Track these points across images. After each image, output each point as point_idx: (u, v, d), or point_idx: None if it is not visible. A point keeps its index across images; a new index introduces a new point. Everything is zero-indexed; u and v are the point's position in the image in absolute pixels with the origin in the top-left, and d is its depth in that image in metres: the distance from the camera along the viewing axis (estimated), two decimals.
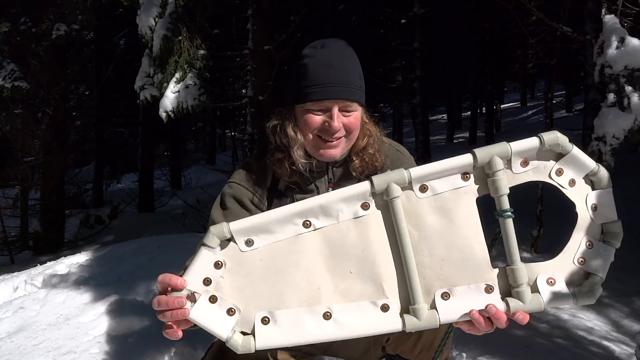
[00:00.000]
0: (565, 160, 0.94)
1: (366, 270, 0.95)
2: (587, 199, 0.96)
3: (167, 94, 4.39)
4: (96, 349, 2.40)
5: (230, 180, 1.40)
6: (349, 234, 0.95)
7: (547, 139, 0.92)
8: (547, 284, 0.94)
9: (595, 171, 0.94)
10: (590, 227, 0.96)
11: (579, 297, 0.93)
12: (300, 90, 1.26)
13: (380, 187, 0.94)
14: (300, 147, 1.30)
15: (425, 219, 0.95)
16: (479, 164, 0.93)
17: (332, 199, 0.95)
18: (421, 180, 0.95)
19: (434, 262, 0.95)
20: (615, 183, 0.97)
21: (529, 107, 18.67)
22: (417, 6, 7.72)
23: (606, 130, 2.91)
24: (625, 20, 3.03)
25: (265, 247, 0.95)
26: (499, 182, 0.92)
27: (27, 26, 6.67)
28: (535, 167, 0.94)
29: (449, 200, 0.95)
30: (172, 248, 3.95)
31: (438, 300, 0.94)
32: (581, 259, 0.95)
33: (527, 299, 0.94)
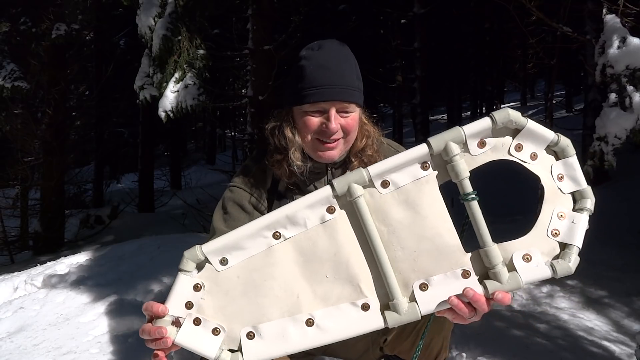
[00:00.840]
0: (522, 135, 0.94)
1: (342, 273, 0.96)
2: (552, 170, 0.95)
3: (167, 94, 4.39)
4: (96, 349, 2.40)
5: (231, 183, 1.42)
6: (319, 240, 0.96)
7: (498, 117, 0.92)
8: (523, 261, 0.93)
9: (556, 141, 0.94)
10: (559, 197, 0.95)
11: (557, 269, 0.91)
12: (297, 92, 1.27)
13: (341, 189, 0.95)
14: (297, 149, 1.31)
15: (392, 213, 0.95)
16: (436, 152, 0.93)
17: (297, 207, 0.96)
18: (381, 176, 0.95)
19: (406, 255, 0.95)
20: (617, 183, 0.96)
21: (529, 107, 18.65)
22: (417, 6, 7.71)
23: (608, 130, 2.91)
24: (626, 19, 3.03)
25: (239, 263, 0.96)
26: (457, 167, 0.92)
27: (27, 26, 6.67)
28: (493, 146, 0.94)
29: (412, 192, 0.95)
30: (172, 248, 3.95)
31: (417, 292, 0.94)
32: (555, 231, 0.94)
33: (504, 279, 0.92)
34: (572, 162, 0.95)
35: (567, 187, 0.95)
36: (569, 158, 0.95)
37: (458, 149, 0.92)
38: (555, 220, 0.94)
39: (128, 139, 14.63)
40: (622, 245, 4.15)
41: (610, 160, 2.97)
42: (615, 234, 4.38)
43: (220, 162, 16.24)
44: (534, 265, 0.92)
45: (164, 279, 3.28)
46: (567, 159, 0.95)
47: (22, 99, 7.04)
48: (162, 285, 3.21)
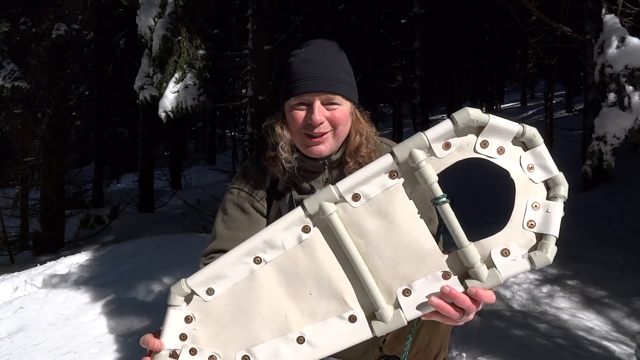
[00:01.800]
0: (486, 131, 0.93)
1: (325, 289, 0.98)
2: (521, 161, 0.94)
3: (167, 94, 4.39)
4: (96, 349, 2.40)
5: (230, 185, 1.43)
6: (299, 260, 0.98)
7: (459, 118, 0.92)
8: (502, 256, 0.93)
9: (522, 132, 0.93)
10: (531, 188, 0.94)
11: (535, 260, 0.91)
12: (285, 89, 1.30)
13: (313, 209, 0.96)
14: (286, 143, 1.32)
15: (366, 225, 0.97)
16: (401, 161, 0.94)
17: (273, 231, 0.98)
18: (351, 190, 0.96)
19: (386, 264, 0.96)
20: (616, 183, 0.96)
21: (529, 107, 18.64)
22: (417, 6, 7.71)
23: (607, 129, 2.91)
24: (625, 19, 3.03)
25: (225, 291, 0.99)
26: (424, 173, 0.92)
27: (27, 26, 6.67)
28: (459, 146, 0.94)
29: (384, 202, 0.96)
30: (172, 248, 3.95)
31: (400, 298, 0.95)
32: (531, 222, 0.93)
33: (484, 277, 0.92)
34: (540, 151, 0.94)
35: (538, 176, 0.94)
36: (536, 147, 0.94)
37: (423, 155, 0.93)
38: (530, 211, 0.93)
39: (128, 139, 14.61)
40: (622, 245, 4.15)
41: (609, 160, 2.97)
42: (615, 234, 4.38)
43: (220, 162, 16.23)
44: (512, 259, 0.92)
45: (164, 279, 3.28)
46: (535, 148, 0.94)
47: (22, 99, 7.04)
48: (162, 285, 3.21)
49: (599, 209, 5.43)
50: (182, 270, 3.40)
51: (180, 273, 3.36)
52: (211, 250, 1.39)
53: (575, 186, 7.01)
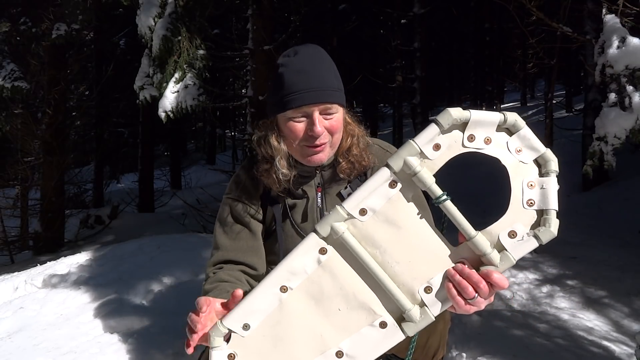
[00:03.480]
0: (470, 126, 0.98)
1: (352, 302, 1.03)
2: (508, 146, 0.99)
3: (167, 94, 4.39)
4: (96, 349, 2.40)
5: (225, 196, 1.45)
6: (322, 281, 1.03)
7: (442, 120, 0.96)
8: (510, 238, 0.97)
9: (504, 119, 0.98)
10: (523, 169, 0.99)
11: (541, 236, 0.95)
12: (279, 100, 1.28)
13: (325, 232, 1.01)
14: (283, 157, 1.33)
15: (378, 236, 1.02)
16: (398, 170, 0.99)
17: (292, 259, 1.03)
18: (357, 206, 1.01)
19: (403, 268, 1.01)
20: (616, 183, 0.97)
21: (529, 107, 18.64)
22: (417, 6, 7.71)
23: (607, 130, 2.91)
24: (625, 20, 3.03)
25: (260, 324, 1.05)
26: (422, 178, 0.97)
27: (27, 26, 6.67)
28: (448, 146, 0.98)
29: (389, 211, 1.01)
30: (172, 248, 3.95)
31: (424, 296, 1.00)
32: (530, 201, 0.97)
33: (496, 261, 0.97)
34: (524, 133, 0.98)
35: (527, 157, 0.99)
36: (520, 131, 0.98)
37: (417, 160, 0.98)
38: (527, 190, 0.98)
39: (128, 139, 14.62)
40: (622, 245, 4.15)
41: (610, 160, 2.97)
42: (615, 234, 4.38)
43: (220, 162, 16.22)
44: (519, 239, 0.97)
45: (164, 279, 3.28)
46: (519, 132, 0.98)
47: (22, 99, 7.03)
48: (162, 285, 3.21)
49: (599, 209, 5.43)
50: (182, 270, 3.40)
51: (180, 273, 3.36)
52: (217, 260, 1.40)
53: (576, 186, 7.01)
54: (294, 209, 1.40)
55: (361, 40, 11.80)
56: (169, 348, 2.39)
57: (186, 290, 3.09)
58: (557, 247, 4.14)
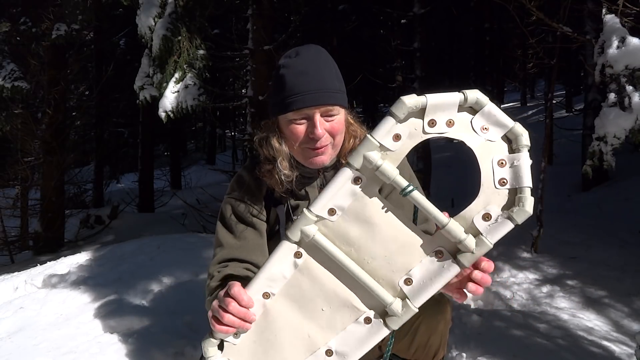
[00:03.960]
0: (429, 111, 0.94)
1: (334, 302, 1.04)
2: (473, 126, 0.95)
3: (167, 94, 4.39)
4: (96, 349, 2.40)
5: (227, 196, 1.44)
6: (302, 284, 1.05)
7: (397, 111, 0.94)
8: (484, 221, 0.94)
9: (464, 98, 0.93)
10: (491, 147, 0.94)
11: (515, 217, 0.92)
12: (280, 102, 1.28)
13: (296, 237, 1.02)
14: (285, 158, 1.33)
15: (350, 233, 1.02)
16: (359, 167, 0.98)
17: (270, 267, 1.05)
18: (324, 207, 1.01)
19: (380, 262, 1.01)
20: (616, 183, 0.96)
21: (529, 107, 18.64)
22: (417, 6, 7.70)
23: (607, 130, 2.91)
24: (625, 20, 3.03)
25: (249, 331, 1.07)
26: (384, 172, 0.96)
27: (27, 26, 6.66)
28: (408, 134, 0.96)
29: (358, 208, 1.01)
30: (172, 248, 3.95)
31: (405, 288, 1.00)
32: (502, 180, 0.94)
33: (472, 247, 0.95)
34: (488, 110, 0.94)
35: (494, 134, 0.94)
36: (484, 108, 0.94)
37: (377, 154, 0.96)
38: (497, 169, 0.94)
39: (128, 139, 14.61)
40: (622, 245, 4.15)
41: (610, 160, 2.97)
42: (615, 234, 4.38)
43: (220, 162, 16.22)
44: (493, 221, 0.94)
45: (164, 279, 3.28)
46: (482, 109, 0.94)
47: (22, 99, 7.02)
48: (162, 285, 3.21)
49: (599, 209, 5.43)
50: (182, 270, 3.40)
51: (180, 273, 3.36)
52: (222, 259, 1.38)
53: (576, 186, 7.01)
54: (297, 209, 1.40)
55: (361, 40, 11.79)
56: (169, 348, 2.39)
57: (186, 290, 3.09)
58: (557, 247, 4.14)
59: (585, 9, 5.65)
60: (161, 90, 4.41)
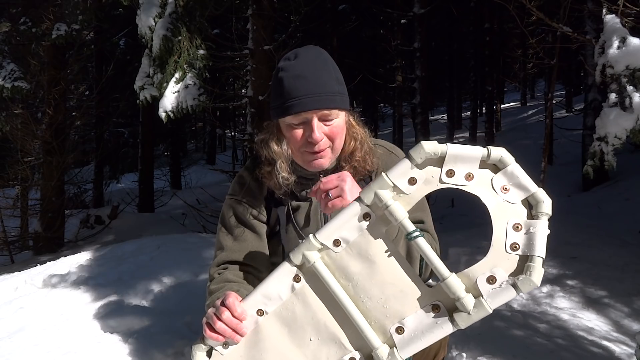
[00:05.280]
0: (448, 161, 0.92)
1: (323, 334, 1.02)
2: (493, 184, 0.92)
3: (167, 94, 4.39)
4: (96, 349, 2.40)
5: (228, 197, 1.44)
6: (295, 308, 1.04)
7: (414, 154, 0.92)
8: (488, 284, 0.91)
9: (487, 154, 0.91)
10: (509, 209, 0.91)
11: (520, 285, 0.88)
12: (279, 105, 1.28)
13: (298, 260, 1.01)
14: (284, 161, 1.32)
15: (350, 268, 1.00)
16: (370, 203, 0.96)
17: (268, 285, 1.05)
18: (330, 237, 1.00)
19: (375, 303, 0.98)
20: (617, 183, 0.95)
21: (529, 107, 18.66)
22: (417, 6, 7.70)
23: (608, 130, 2.91)
24: (626, 20, 3.03)
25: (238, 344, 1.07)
26: (393, 212, 0.94)
27: (27, 26, 6.65)
28: (425, 180, 0.94)
29: (362, 243, 0.99)
30: (172, 248, 3.95)
31: (395, 336, 0.97)
32: (514, 245, 0.90)
33: (469, 308, 0.91)
34: (512, 170, 0.91)
35: (514, 196, 0.91)
36: (507, 167, 0.91)
37: (389, 194, 0.95)
38: (511, 233, 0.90)
39: (128, 139, 14.61)
40: (622, 245, 4.15)
41: (610, 160, 2.97)
42: (615, 234, 4.38)
43: (220, 162, 16.24)
44: (498, 285, 0.90)
45: (164, 279, 3.28)
46: (505, 169, 0.91)
47: (22, 99, 7.03)
48: (162, 285, 3.21)
49: (599, 209, 5.43)
50: (182, 270, 3.40)
51: (181, 273, 3.36)
52: (222, 261, 1.39)
53: (576, 186, 7.01)
54: (297, 211, 1.39)
55: (361, 40, 11.79)
56: (169, 348, 2.39)
57: (186, 290, 3.09)
58: (557, 247, 4.14)
59: (585, 9, 5.65)
60: (161, 90, 4.41)
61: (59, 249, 7.03)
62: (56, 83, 7.02)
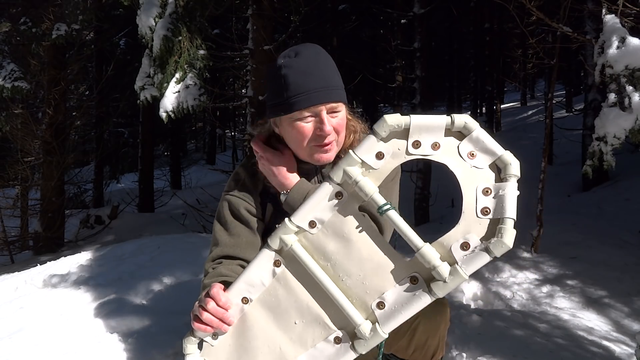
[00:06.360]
0: (413, 132, 0.93)
1: (307, 316, 1.03)
2: (460, 151, 0.92)
3: (167, 94, 4.39)
4: (96, 349, 2.40)
5: (224, 193, 1.45)
6: (278, 293, 1.05)
7: (379, 129, 0.93)
8: (462, 250, 0.91)
9: (451, 122, 0.91)
10: (477, 174, 0.91)
11: (492, 249, 0.88)
12: (284, 102, 1.28)
13: (275, 244, 1.02)
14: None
15: (328, 248, 1.00)
16: (340, 182, 0.97)
17: (250, 272, 1.06)
18: (305, 219, 1.01)
19: (355, 281, 0.99)
20: (616, 183, 0.95)
21: (529, 107, 18.66)
22: (417, 6, 7.70)
23: (607, 130, 2.91)
24: (625, 20, 3.03)
25: (226, 334, 1.07)
26: (363, 187, 0.95)
27: (27, 26, 6.66)
28: (392, 153, 0.95)
29: (337, 222, 0.99)
30: (172, 248, 3.95)
31: (376, 312, 0.97)
32: (485, 209, 0.90)
33: (445, 276, 0.91)
34: (477, 135, 0.91)
35: (482, 161, 0.92)
36: (472, 133, 0.91)
37: (358, 170, 0.96)
38: (481, 197, 0.90)
39: (128, 139, 14.62)
40: (622, 245, 4.15)
41: (610, 160, 2.97)
42: (615, 234, 4.38)
43: (220, 162, 16.24)
44: (471, 251, 0.90)
45: (164, 279, 3.28)
46: (471, 135, 0.92)
47: (22, 99, 7.03)
48: (162, 285, 3.21)
49: (599, 209, 5.43)
50: (182, 270, 3.40)
51: (181, 273, 3.36)
52: (216, 256, 1.40)
53: (576, 186, 7.01)
54: None
55: (361, 40, 11.79)
56: (169, 348, 2.39)
57: (186, 290, 3.09)
58: (557, 247, 4.14)
59: (585, 9, 5.64)
60: (162, 90, 4.41)
61: (59, 249, 7.03)
62: (56, 83, 7.02)
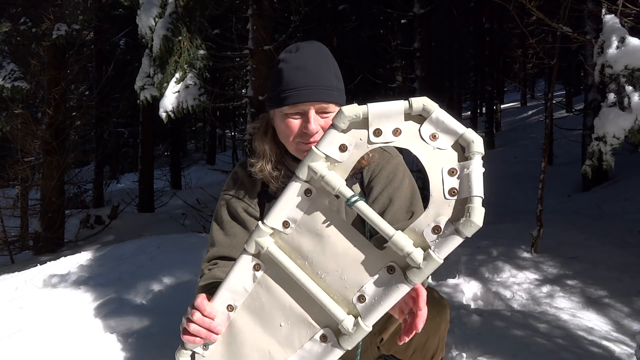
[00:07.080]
0: (373, 121, 0.92)
1: (291, 317, 1.02)
2: (421, 134, 0.91)
3: (167, 94, 4.39)
4: (96, 349, 2.40)
5: (222, 193, 1.45)
6: (261, 297, 1.04)
7: (337, 122, 0.93)
8: (433, 234, 0.89)
9: (409, 106, 0.91)
10: (441, 156, 0.90)
11: (462, 229, 0.86)
12: (276, 95, 1.28)
13: (252, 248, 1.02)
14: (269, 159, 1.35)
15: (304, 247, 1.00)
16: (307, 178, 0.97)
17: (230, 279, 1.05)
18: (278, 220, 1.00)
19: (333, 277, 0.98)
20: (616, 183, 0.95)
21: (529, 107, 18.67)
22: (417, 6, 7.71)
23: (607, 130, 2.91)
24: (625, 20, 3.03)
25: (217, 343, 1.08)
26: (329, 181, 0.95)
27: (27, 26, 6.66)
28: (355, 145, 0.94)
29: (309, 220, 0.99)
30: (172, 248, 3.95)
31: (358, 306, 0.97)
32: (452, 190, 0.88)
33: (419, 261, 0.89)
34: (436, 116, 0.91)
35: (444, 142, 0.90)
36: (432, 115, 0.91)
37: (323, 164, 0.95)
38: (447, 179, 0.89)
39: (128, 139, 14.62)
40: (622, 245, 4.15)
41: (609, 160, 2.97)
42: (615, 234, 4.38)
43: (220, 162, 16.23)
44: (443, 234, 0.89)
45: (164, 279, 3.28)
46: (430, 117, 0.91)
47: (22, 99, 7.03)
48: (162, 285, 3.21)
49: (599, 209, 5.43)
50: (182, 270, 3.40)
51: (181, 273, 3.36)
52: (212, 256, 1.40)
53: (576, 186, 7.01)
54: None
55: (361, 40, 11.79)
56: (169, 348, 2.38)
57: (186, 290, 3.09)
58: (557, 247, 4.14)
59: (585, 9, 5.65)
60: (162, 90, 4.41)
61: (59, 249, 7.03)
62: (56, 83, 7.02)
